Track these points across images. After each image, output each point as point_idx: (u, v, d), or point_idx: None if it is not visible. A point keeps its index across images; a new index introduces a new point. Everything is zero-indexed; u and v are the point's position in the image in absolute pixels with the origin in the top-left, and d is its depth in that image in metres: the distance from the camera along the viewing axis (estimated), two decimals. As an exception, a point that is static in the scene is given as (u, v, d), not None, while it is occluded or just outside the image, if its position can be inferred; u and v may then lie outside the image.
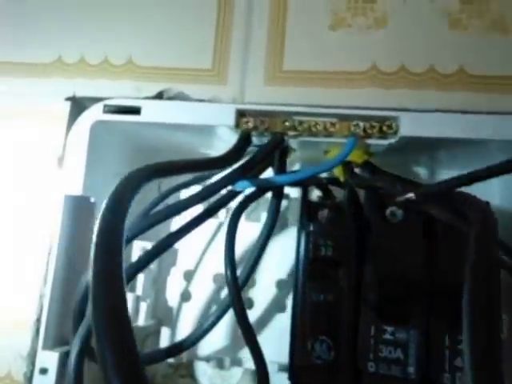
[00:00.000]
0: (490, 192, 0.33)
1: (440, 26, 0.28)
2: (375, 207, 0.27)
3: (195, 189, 0.30)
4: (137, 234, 0.27)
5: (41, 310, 0.27)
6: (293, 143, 0.30)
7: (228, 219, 0.28)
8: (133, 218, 0.30)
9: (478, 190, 0.33)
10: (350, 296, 0.24)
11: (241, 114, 0.28)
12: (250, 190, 0.28)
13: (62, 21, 0.31)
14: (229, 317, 0.29)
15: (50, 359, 0.27)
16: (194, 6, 0.30)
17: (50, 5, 0.31)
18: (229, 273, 0.25)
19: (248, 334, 0.26)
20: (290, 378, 0.26)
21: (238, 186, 0.27)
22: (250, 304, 0.32)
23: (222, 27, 0.29)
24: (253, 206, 0.31)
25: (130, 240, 0.27)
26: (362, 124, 0.27)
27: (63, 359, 0.27)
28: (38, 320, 0.27)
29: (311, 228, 0.26)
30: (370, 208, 0.27)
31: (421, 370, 0.23)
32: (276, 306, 0.32)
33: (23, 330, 0.27)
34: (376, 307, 0.24)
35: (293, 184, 0.29)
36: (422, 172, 0.34)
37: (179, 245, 0.34)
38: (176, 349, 0.30)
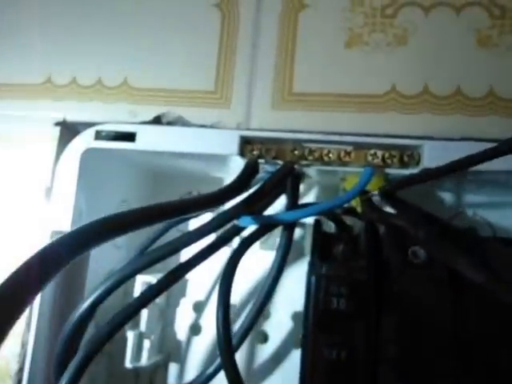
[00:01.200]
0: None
1: (467, 43, 0.25)
2: (396, 246, 0.24)
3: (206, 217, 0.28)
4: (139, 270, 0.25)
5: (23, 360, 0.24)
6: (307, 170, 0.27)
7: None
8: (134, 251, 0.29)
9: (508, 219, 0.31)
10: (367, 352, 0.21)
11: (246, 141, 0.26)
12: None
13: (52, 39, 0.28)
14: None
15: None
16: (195, 21, 0.27)
17: (39, 21, 0.29)
18: (221, 332, 0.22)
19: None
20: None
21: (242, 222, 0.25)
22: (265, 338, 0.31)
23: (226, 44, 0.27)
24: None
25: (132, 275, 0.25)
26: (380, 153, 0.25)
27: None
28: (21, 370, 0.24)
29: (323, 271, 0.23)
30: (389, 247, 0.24)
31: None
32: (292, 341, 0.30)
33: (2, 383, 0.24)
34: (396, 366, 0.21)
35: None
36: (446, 197, 0.32)
37: (188, 274, 0.32)
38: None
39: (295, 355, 0.29)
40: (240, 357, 0.29)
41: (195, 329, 0.32)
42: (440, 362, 0.21)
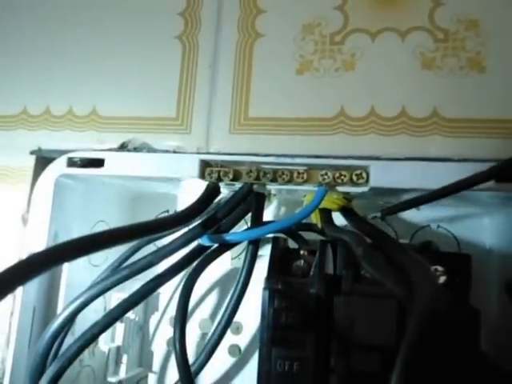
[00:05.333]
0: (481, 231, 0.31)
1: (412, 66, 0.26)
2: (349, 261, 0.25)
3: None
4: (110, 287, 0.26)
5: (2, 376, 0.26)
6: (272, 188, 0.29)
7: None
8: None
9: (469, 229, 0.32)
10: (317, 366, 0.22)
11: (205, 164, 0.27)
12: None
13: (26, 71, 0.30)
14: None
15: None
16: (158, 53, 0.29)
17: (14, 55, 0.31)
18: (178, 350, 0.23)
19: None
20: None
21: (202, 241, 0.26)
22: (238, 351, 0.32)
23: (186, 74, 0.28)
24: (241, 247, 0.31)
25: (101, 293, 0.27)
26: (330, 173, 0.26)
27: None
28: (0, 385, 0.26)
29: (275, 285, 0.24)
30: (342, 261, 0.25)
31: None
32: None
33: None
34: (346, 380, 0.22)
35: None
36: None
37: (163, 290, 0.34)
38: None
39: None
40: (213, 369, 0.30)
41: (172, 342, 0.34)
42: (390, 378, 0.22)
